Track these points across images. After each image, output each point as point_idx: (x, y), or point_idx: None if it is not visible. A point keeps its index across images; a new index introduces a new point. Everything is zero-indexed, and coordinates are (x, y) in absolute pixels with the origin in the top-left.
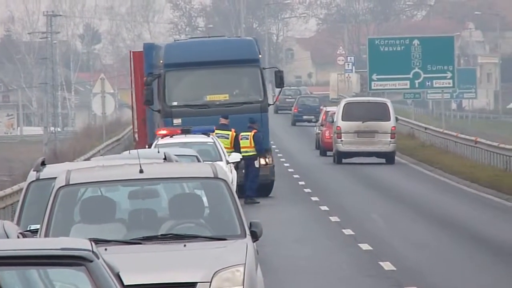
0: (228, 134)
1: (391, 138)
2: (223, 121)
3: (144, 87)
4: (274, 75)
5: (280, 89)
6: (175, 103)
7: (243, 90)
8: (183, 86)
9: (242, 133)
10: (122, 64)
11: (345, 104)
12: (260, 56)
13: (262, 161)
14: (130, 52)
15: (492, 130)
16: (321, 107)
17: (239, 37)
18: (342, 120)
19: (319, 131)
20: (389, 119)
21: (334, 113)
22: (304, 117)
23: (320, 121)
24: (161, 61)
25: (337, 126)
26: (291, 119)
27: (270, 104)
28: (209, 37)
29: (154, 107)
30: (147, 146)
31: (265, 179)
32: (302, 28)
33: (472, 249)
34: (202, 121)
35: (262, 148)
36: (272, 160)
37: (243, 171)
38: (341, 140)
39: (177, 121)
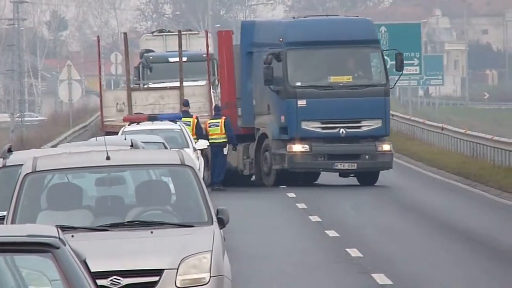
0: (190, 121)
1: None
2: (184, 108)
3: (264, 65)
4: (395, 58)
5: (400, 72)
6: (298, 83)
7: (366, 72)
8: (306, 66)
9: (209, 121)
10: (89, 50)
11: None
12: (378, 37)
13: (387, 147)
14: (217, 32)
15: (459, 116)
16: None
17: (356, 16)
18: None
19: None
20: None
21: None
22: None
23: None
24: (281, 39)
25: None
26: None
27: (391, 88)
28: (326, 15)
29: (272, 88)
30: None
31: (386, 166)
32: (269, 15)
33: (438, 235)
34: (326, 104)
35: (233, 134)
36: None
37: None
38: None
39: (301, 102)
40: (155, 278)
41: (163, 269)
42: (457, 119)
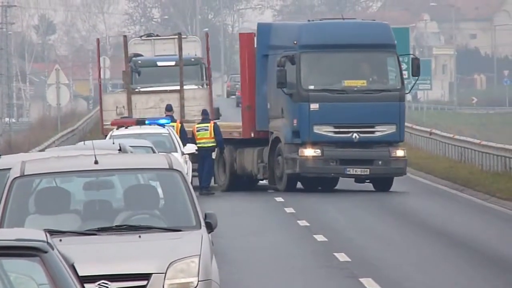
0: (173, 126)
1: None
2: (167, 113)
3: (277, 68)
4: (411, 63)
5: (416, 78)
6: (311, 87)
7: (381, 76)
8: (320, 69)
9: (197, 125)
10: (77, 55)
11: None
12: (395, 42)
13: (400, 153)
14: (239, 34)
15: (447, 121)
16: None
17: (373, 20)
18: None
19: None
20: None
21: None
22: None
23: None
24: (295, 42)
25: None
26: (235, 101)
27: (406, 93)
28: (342, 19)
29: (285, 91)
30: (252, 135)
31: (400, 172)
32: (258, 19)
33: (426, 240)
34: (339, 108)
35: (221, 139)
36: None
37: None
38: None
39: (314, 106)
40: (143, 282)
41: (151, 273)
42: (445, 124)
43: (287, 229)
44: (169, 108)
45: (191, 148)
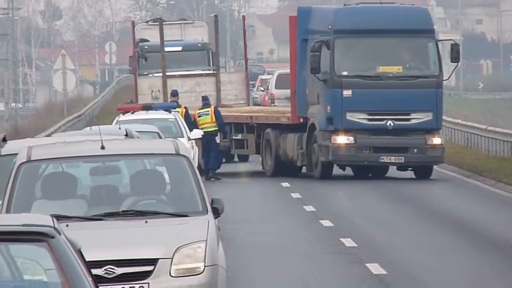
0: (178, 111)
1: None
2: (172, 98)
3: (310, 53)
4: (450, 48)
5: (456, 64)
6: (345, 73)
7: (418, 62)
8: (354, 55)
9: (198, 110)
10: (83, 40)
11: (278, 75)
12: (434, 27)
13: (437, 141)
14: (289, 17)
15: (453, 106)
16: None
17: (412, 4)
18: (275, 88)
19: (257, 96)
20: None
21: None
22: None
23: (256, 87)
24: (330, 27)
25: (271, 93)
26: None
27: (444, 80)
28: (380, 3)
29: (319, 76)
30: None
31: (437, 160)
32: (264, 4)
33: (432, 225)
34: (373, 95)
35: (223, 122)
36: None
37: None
38: (274, 105)
39: (347, 92)
40: (150, 268)
41: (158, 259)
42: (451, 109)
43: (294, 215)
44: (174, 94)
45: (197, 133)
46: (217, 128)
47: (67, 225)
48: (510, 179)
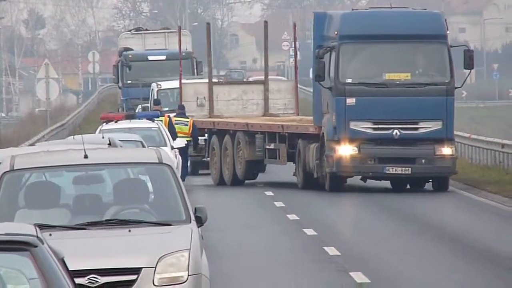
0: (161, 120)
1: None
2: (155, 107)
3: (315, 60)
4: (463, 55)
5: (469, 70)
6: (349, 80)
7: (427, 69)
8: (360, 62)
9: (176, 118)
10: (66, 49)
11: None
12: (448, 32)
13: (447, 151)
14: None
15: None
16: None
17: (424, 9)
18: None
19: None
20: None
21: None
22: None
23: None
24: (336, 32)
25: None
26: None
27: (457, 87)
28: (390, 7)
29: (325, 84)
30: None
31: (446, 171)
32: (247, 13)
33: (415, 234)
34: (379, 103)
35: (197, 136)
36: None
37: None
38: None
39: (350, 100)
40: (133, 277)
41: (141, 268)
42: None
43: (277, 223)
44: (157, 103)
45: (180, 142)
46: (190, 139)
47: (50, 234)
48: (493, 187)
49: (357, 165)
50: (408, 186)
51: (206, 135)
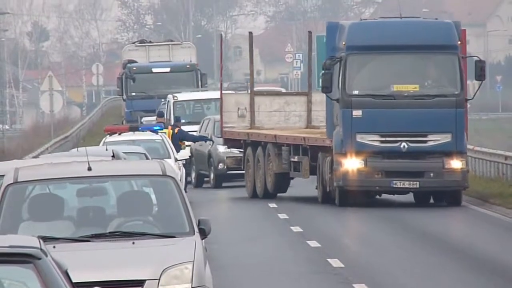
0: (165, 132)
1: None
2: (159, 119)
3: (322, 71)
4: (474, 66)
5: (480, 82)
6: (355, 92)
7: (437, 80)
8: (367, 73)
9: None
10: (70, 61)
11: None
12: (459, 43)
13: (457, 164)
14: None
15: None
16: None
17: (436, 19)
18: None
19: None
20: None
21: None
22: None
23: None
24: (343, 43)
25: None
26: None
27: (469, 99)
28: (401, 17)
29: (332, 96)
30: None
31: (457, 185)
32: (251, 25)
33: (421, 246)
34: (386, 115)
35: (196, 139)
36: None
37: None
38: None
39: (357, 112)
40: None
41: (145, 280)
42: None
43: (281, 235)
44: (160, 115)
45: (184, 154)
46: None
47: (54, 247)
48: (497, 199)
49: (363, 179)
50: (431, 201)
51: (242, 147)
